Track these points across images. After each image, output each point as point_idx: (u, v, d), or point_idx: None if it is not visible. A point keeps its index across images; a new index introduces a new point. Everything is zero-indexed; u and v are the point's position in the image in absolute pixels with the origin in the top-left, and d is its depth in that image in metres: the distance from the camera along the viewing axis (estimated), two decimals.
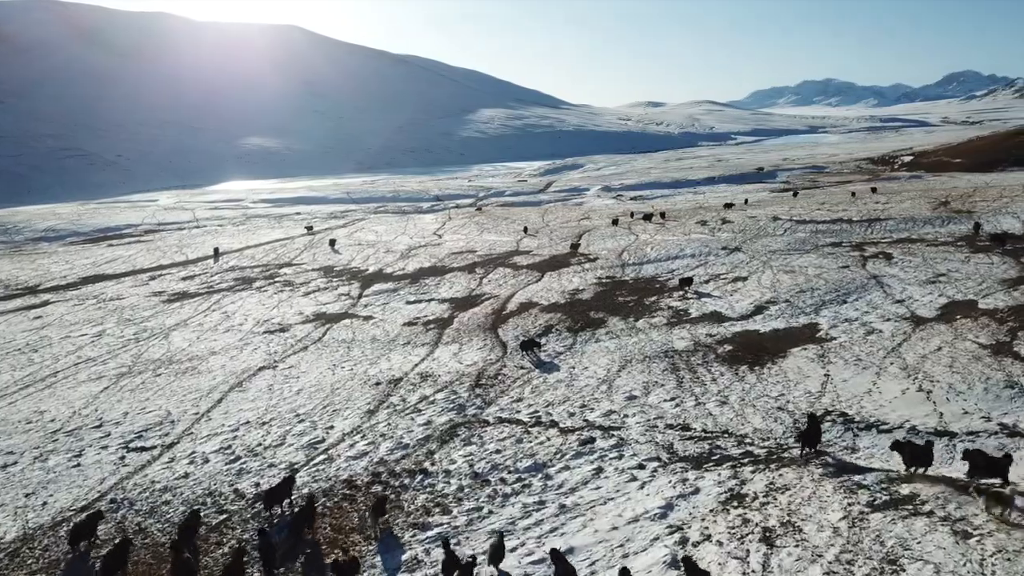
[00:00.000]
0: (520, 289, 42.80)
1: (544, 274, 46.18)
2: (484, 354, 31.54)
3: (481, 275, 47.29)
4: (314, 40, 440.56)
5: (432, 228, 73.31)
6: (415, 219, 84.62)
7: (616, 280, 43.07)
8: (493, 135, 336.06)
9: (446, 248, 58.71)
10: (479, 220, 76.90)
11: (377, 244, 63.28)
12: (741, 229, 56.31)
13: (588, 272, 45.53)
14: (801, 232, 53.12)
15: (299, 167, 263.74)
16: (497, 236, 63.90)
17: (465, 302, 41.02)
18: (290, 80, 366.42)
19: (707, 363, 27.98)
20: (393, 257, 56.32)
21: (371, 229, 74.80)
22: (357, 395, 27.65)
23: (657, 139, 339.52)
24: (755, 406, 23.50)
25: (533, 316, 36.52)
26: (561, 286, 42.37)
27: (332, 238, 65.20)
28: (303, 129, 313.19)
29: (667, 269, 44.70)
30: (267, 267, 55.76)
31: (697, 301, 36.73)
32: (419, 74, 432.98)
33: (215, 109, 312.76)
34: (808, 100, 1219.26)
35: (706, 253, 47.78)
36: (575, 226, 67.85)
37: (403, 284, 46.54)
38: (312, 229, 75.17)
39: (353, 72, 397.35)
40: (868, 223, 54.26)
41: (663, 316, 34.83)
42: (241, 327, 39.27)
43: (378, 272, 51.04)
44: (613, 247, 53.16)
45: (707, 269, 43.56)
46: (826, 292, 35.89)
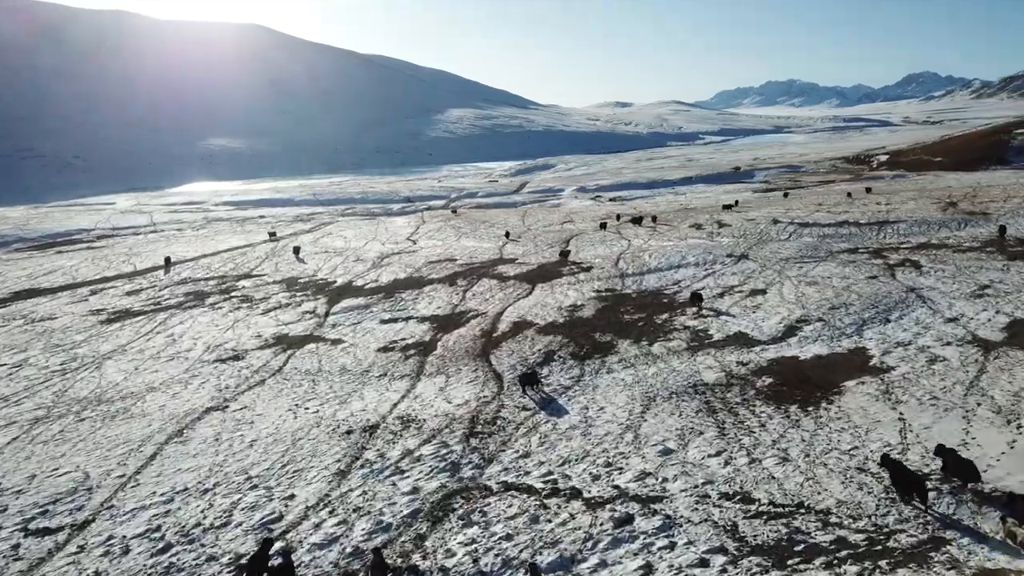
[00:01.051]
0: (510, 304, 37.54)
1: (535, 286, 40.98)
2: (476, 389, 26.24)
3: (464, 288, 41.95)
4: (279, 39, 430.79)
5: (405, 232, 67.75)
6: (386, 222, 78.95)
7: (617, 293, 38.01)
8: (462, 135, 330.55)
9: (422, 256, 53.22)
10: (455, 224, 71.46)
11: (346, 251, 57.58)
12: (741, 233, 51.67)
13: (584, 284, 40.42)
14: (808, 237, 48.61)
15: (265, 168, 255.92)
16: (477, 242, 58.55)
17: (448, 321, 35.67)
18: (255, 79, 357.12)
19: (748, 401, 23.02)
20: (364, 267, 50.72)
21: (339, 234, 69.01)
22: (324, 448, 22.21)
23: (626, 139, 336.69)
24: (826, 464, 18.55)
25: (529, 339, 31.29)
26: (556, 301, 37.21)
27: (296, 245, 59.26)
28: (269, 129, 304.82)
29: (672, 280, 39.77)
30: (223, 279, 49.80)
31: (716, 320, 31.80)
32: (386, 74, 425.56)
33: (178, 109, 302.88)
34: (772, 100, 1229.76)
35: (711, 261, 42.95)
36: (559, 230, 62.79)
37: (376, 299, 41.01)
38: (275, 235, 69.05)
39: (319, 71, 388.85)
40: (878, 226, 49.95)
41: (681, 339, 29.83)
42: (188, 354, 33.49)
43: (347, 284, 45.43)
44: (606, 254, 48.15)
45: (717, 280, 38.71)
46: (863, 308, 31.17)
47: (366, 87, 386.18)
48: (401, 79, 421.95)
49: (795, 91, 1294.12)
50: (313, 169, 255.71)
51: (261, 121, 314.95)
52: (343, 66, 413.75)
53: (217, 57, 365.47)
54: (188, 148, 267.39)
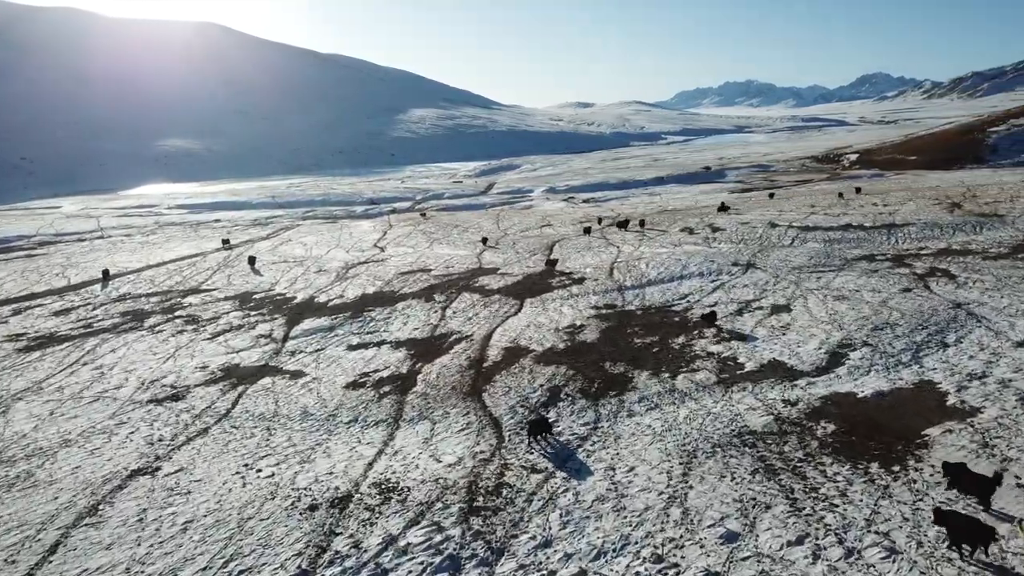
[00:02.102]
0: (498, 325, 32.43)
1: (523, 302, 35.92)
2: (470, 442, 21.12)
3: (443, 304, 36.72)
4: (236, 38, 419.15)
5: (371, 239, 62.21)
6: (350, 226, 73.24)
7: (620, 311, 33.15)
8: (424, 135, 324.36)
9: (392, 266, 47.82)
10: (426, 228, 66.08)
11: (306, 261, 51.91)
12: (740, 239, 47.32)
13: (579, 299, 35.49)
14: (813, 242, 44.39)
15: (222, 169, 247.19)
16: (452, 249, 53.30)
17: (428, 347, 30.45)
18: (211, 79, 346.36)
19: (813, 457, 18.32)
20: (327, 279, 45.17)
21: (299, 241, 63.16)
22: (280, 533, 16.90)
23: (590, 139, 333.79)
24: (951, 560, 13.91)
25: (528, 371, 26.23)
26: (552, 320, 32.22)
27: (252, 255, 53.26)
28: (226, 129, 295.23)
29: (678, 293, 35.04)
30: (168, 295, 43.83)
31: (743, 344, 27.09)
32: (346, 73, 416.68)
33: (130, 109, 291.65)
34: (731, 101, 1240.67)
35: (716, 271, 38.37)
36: (539, 235, 57.85)
37: (342, 319, 35.57)
38: (229, 243, 62.78)
39: (277, 71, 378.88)
40: (886, 230, 45.94)
41: (708, 369, 25.03)
42: (118, 392, 27.76)
43: (309, 301, 39.89)
44: (596, 263, 43.33)
45: (728, 294, 34.10)
46: (911, 329, 26.74)
47: (326, 87, 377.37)
48: (361, 79, 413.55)
49: (753, 91, 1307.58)
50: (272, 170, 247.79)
51: (218, 121, 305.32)
52: (302, 65, 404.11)
53: (172, 56, 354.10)
54: (142, 149, 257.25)
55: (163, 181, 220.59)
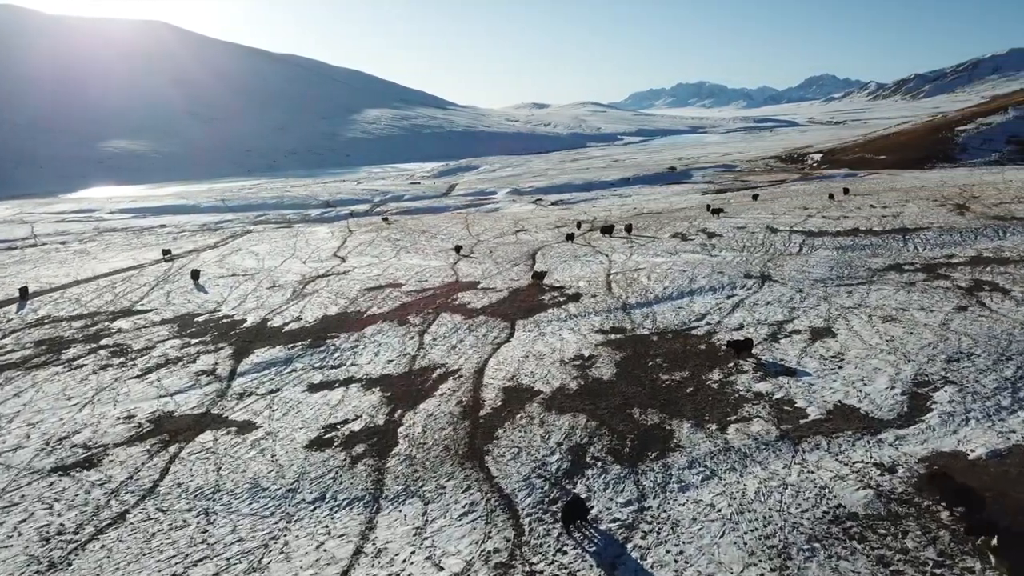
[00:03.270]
0: (490, 355, 26.92)
1: (514, 324, 30.47)
2: (478, 534, 15.63)
3: (420, 328, 31.07)
4: (185, 37, 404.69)
5: (330, 247, 56.13)
6: (306, 233, 66.91)
7: (630, 335, 27.93)
8: (380, 136, 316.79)
9: (356, 280, 41.91)
10: (390, 234, 60.13)
11: (258, 274, 45.69)
12: (741, 245, 42.60)
13: (580, 321, 30.19)
14: (824, 249, 39.87)
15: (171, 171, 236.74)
16: (422, 259, 47.57)
17: (408, 386, 24.79)
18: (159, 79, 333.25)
19: (953, 560, 13.38)
20: (282, 296, 39.08)
21: (250, 250, 56.71)
22: None
23: (547, 139, 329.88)
24: None
25: (538, 421, 20.83)
26: (552, 349, 26.85)
27: (196, 268, 46.60)
28: (174, 130, 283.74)
29: (692, 312, 29.98)
30: (94, 318, 37.25)
31: (795, 381, 22.04)
32: (299, 73, 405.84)
33: (72, 109, 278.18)
34: (683, 102, 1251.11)
35: (728, 284, 33.46)
36: (516, 241, 52.49)
37: (301, 348, 29.69)
38: (171, 254, 55.71)
39: (228, 71, 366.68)
40: (900, 235, 41.65)
41: (762, 417, 19.93)
42: (13, 457, 21.49)
43: (261, 325, 33.83)
44: (589, 275, 38.08)
45: (752, 313, 29.15)
46: (993, 360, 22.01)
47: (278, 87, 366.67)
48: (315, 79, 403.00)
49: (705, 93, 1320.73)
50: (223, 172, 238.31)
51: (167, 122, 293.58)
52: (254, 65, 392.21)
53: (118, 55, 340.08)
54: (85, 151, 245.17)
55: (108, 184, 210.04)
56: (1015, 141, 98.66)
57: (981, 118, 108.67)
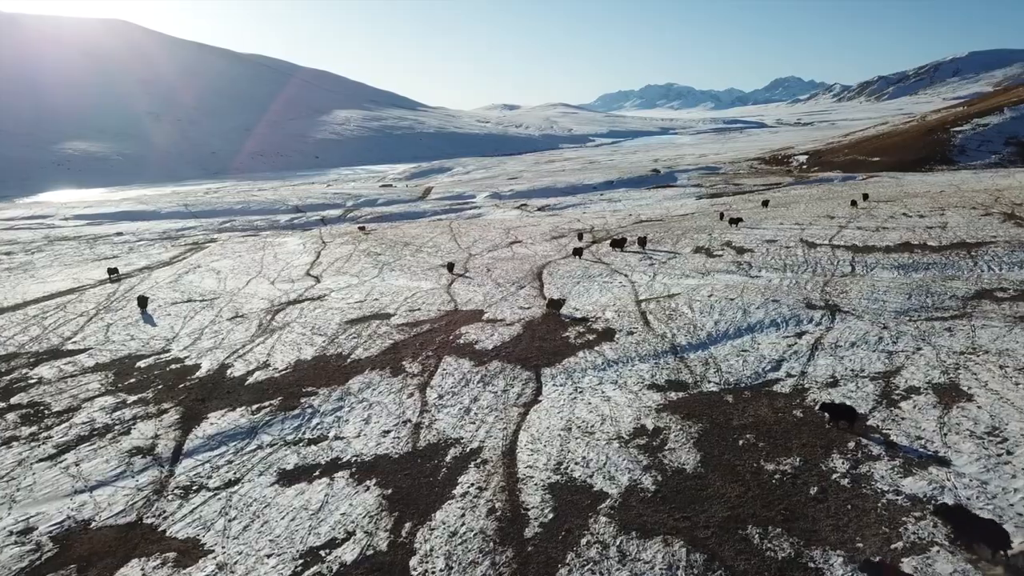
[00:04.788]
0: (518, 426, 20.23)
1: (540, 375, 23.84)
2: None
3: (419, 380, 24.30)
4: (147, 36, 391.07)
5: (302, 262, 49.09)
6: (274, 244, 59.67)
7: (696, 394, 21.40)
8: (350, 137, 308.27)
9: (335, 307, 34.99)
10: (369, 247, 53.16)
11: (219, 299, 38.55)
12: (781, 264, 36.46)
13: (622, 369, 23.66)
14: (882, 270, 33.87)
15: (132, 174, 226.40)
16: (410, 279, 40.71)
17: (414, 478, 18.02)
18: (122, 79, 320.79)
19: None
20: (246, 331, 32.03)
21: (211, 266, 49.39)
22: None
23: (519, 141, 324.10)
24: None
25: (615, 554, 14.05)
26: (600, 415, 20.26)
27: (143, 295, 38.97)
28: (137, 132, 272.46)
29: (761, 357, 23.59)
30: (11, 363, 29.72)
31: (954, 477, 15.51)
32: (266, 74, 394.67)
33: (28, 110, 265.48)
34: (652, 103, 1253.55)
35: (790, 317, 27.20)
36: (512, 256, 45.91)
37: (269, 411, 22.76)
38: (117, 273, 47.88)
39: (194, 71, 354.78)
40: (964, 252, 35.78)
41: (942, 546, 13.61)
42: None
43: (219, 374, 26.79)
44: (614, 303, 31.60)
45: (839, 359, 22.80)
46: None
47: (246, 88, 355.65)
48: (283, 79, 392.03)
49: (673, 94, 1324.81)
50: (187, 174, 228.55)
51: (129, 123, 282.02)
52: (220, 66, 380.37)
53: (78, 55, 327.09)
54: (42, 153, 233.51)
55: (66, 187, 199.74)
56: (1014, 142, 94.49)
57: (977, 119, 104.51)
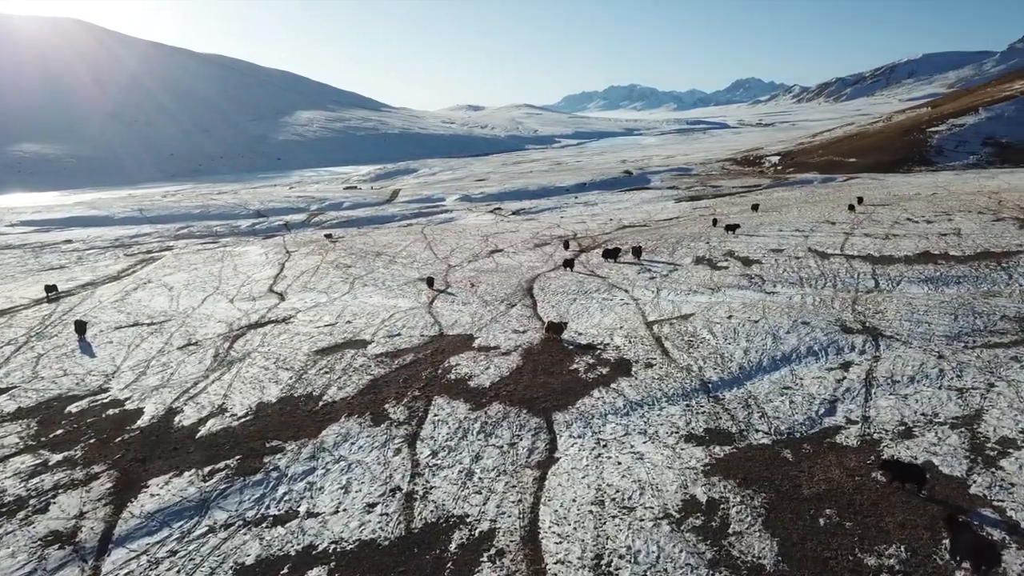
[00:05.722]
0: (536, 498, 16.20)
1: (551, 422, 19.82)
2: None
3: (407, 430, 20.14)
4: (101, 35, 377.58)
5: (265, 275, 44.47)
6: (235, 255, 54.80)
7: (743, 446, 17.59)
8: (313, 138, 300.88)
9: (303, 332, 30.58)
10: (337, 258, 48.67)
11: (170, 322, 33.87)
12: (797, 277, 33.01)
13: (649, 414, 19.79)
14: (910, 284, 30.60)
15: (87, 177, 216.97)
16: (385, 296, 36.41)
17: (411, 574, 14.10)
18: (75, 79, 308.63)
19: None
20: (199, 364, 27.48)
21: (163, 281, 44.50)
22: None
23: (485, 142, 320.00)
24: None
25: None
26: (636, 480, 16.27)
27: (81, 320, 34.00)
28: (91, 133, 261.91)
29: (810, 397, 19.97)
30: None
31: None
32: (226, 74, 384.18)
33: None
34: (615, 104, 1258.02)
35: (828, 344, 23.60)
36: (497, 268, 41.88)
37: (224, 476, 18.35)
38: (56, 291, 42.68)
39: (150, 71, 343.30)
40: (993, 262, 32.68)
41: None
42: None
43: (165, 422, 22.28)
44: (621, 325, 27.72)
45: (902, 399, 19.29)
46: None
47: (205, 88, 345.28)
48: (243, 80, 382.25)
49: (636, 95, 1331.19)
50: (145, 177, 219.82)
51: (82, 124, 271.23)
52: (178, 65, 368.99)
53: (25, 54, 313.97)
54: None
55: (16, 191, 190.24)
56: (991, 143, 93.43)
57: (953, 119, 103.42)
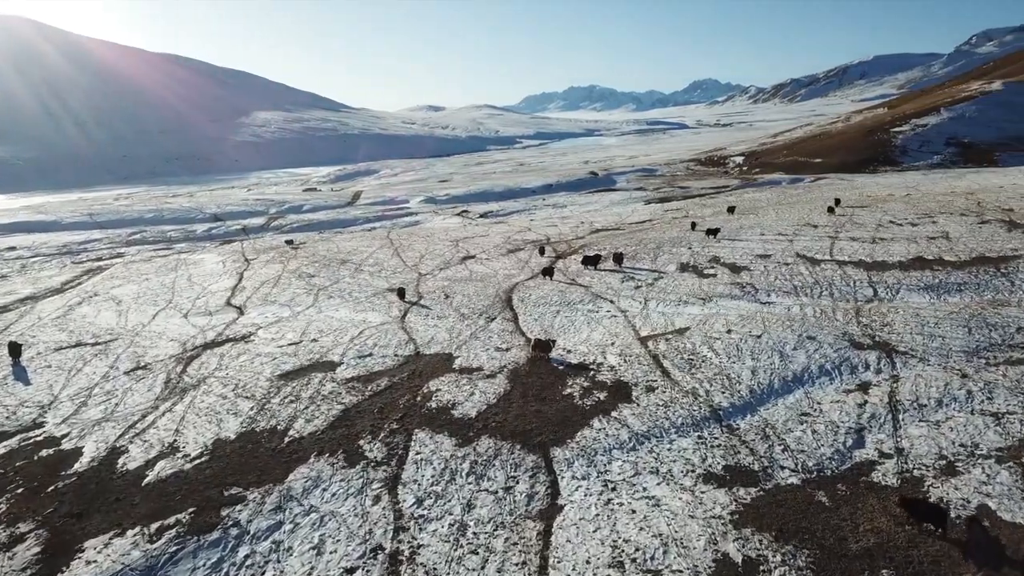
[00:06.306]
0: (540, 558, 13.76)
1: (549, 460, 17.44)
2: None
3: (386, 471, 17.45)
4: (50, 34, 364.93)
5: (222, 286, 41.39)
6: (190, 263, 51.45)
7: (770, 488, 15.50)
8: (271, 139, 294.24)
9: (264, 353, 27.78)
10: (300, 267, 45.72)
11: (116, 342, 30.76)
12: (791, 286, 31.26)
13: (659, 448, 17.62)
14: (909, 292, 29.05)
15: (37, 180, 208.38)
16: (353, 310, 33.71)
17: None
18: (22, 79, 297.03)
19: None
20: (149, 391, 24.56)
21: (111, 293, 41.13)
22: None
23: (447, 143, 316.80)
24: None
25: None
26: (657, 535, 13.95)
27: (15, 341, 30.59)
28: (40, 135, 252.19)
29: (832, 425, 17.99)
30: None
31: None
32: (180, 74, 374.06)
33: None
34: (575, 105, 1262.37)
35: (841, 361, 21.76)
36: (470, 276, 39.45)
37: (174, 537, 15.45)
38: None
39: (102, 70, 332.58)
40: (991, 268, 31.40)
41: None
42: None
43: (107, 466, 19.37)
44: (612, 341, 25.54)
45: (934, 427, 17.45)
46: None
47: (159, 87, 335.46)
48: (198, 80, 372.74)
49: (596, 96, 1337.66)
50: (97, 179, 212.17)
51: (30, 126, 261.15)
52: (131, 64, 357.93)
53: None
54: None
55: None
56: (954, 143, 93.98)
57: (915, 119, 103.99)
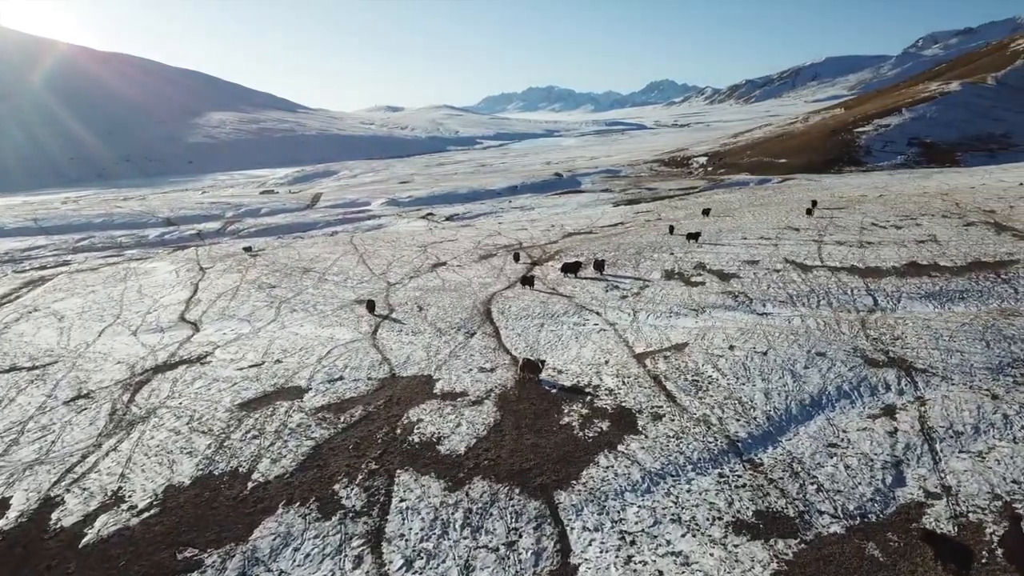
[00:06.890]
0: None
1: (555, 509, 14.95)
2: None
3: (367, 525, 14.78)
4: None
5: (176, 299, 38.27)
6: (140, 272, 48.01)
7: (811, 541, 13.37)
8: (226, 140, 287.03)
9: (223, 377, 25.00)
10: (260, 276, 42.72)
11: (55, 365, 27.63)
12: (787, 295, 29.55)
13: (678, 490, 15.47)
14: (911, 301, 27.59)
15: None
16: (319, 324, 31.02)
17: None
18: None
19: None
20: (91, 426, 21.63)
21: (52, 308, 37.71)
22: None
23: (406, 143, 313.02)
24: None
25: None
26: None
27: None
28: None
29: (868, 460, 16.10)
30: None
31: None
32: (131, 73, 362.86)
33: None
34: (534, 105, 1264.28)
35: (858, 382, 20.02)
36: (443, 285, 37.03)
37: None
38: None
39: (48, 70, 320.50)
40: (991, 274, 30.12)
41: None
42: None
43: (36, 523, 16.37)
44: (606, 360, 23.41)
45: (978, 459, 15.64)
46: None
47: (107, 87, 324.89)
48: (148, 79, 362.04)
49: (554, 97, 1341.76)
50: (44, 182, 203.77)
51: None
52: (77, 64, 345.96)
53: None
54: None
55: None
56: (917, 143, 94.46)
57: (878, 119, 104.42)
